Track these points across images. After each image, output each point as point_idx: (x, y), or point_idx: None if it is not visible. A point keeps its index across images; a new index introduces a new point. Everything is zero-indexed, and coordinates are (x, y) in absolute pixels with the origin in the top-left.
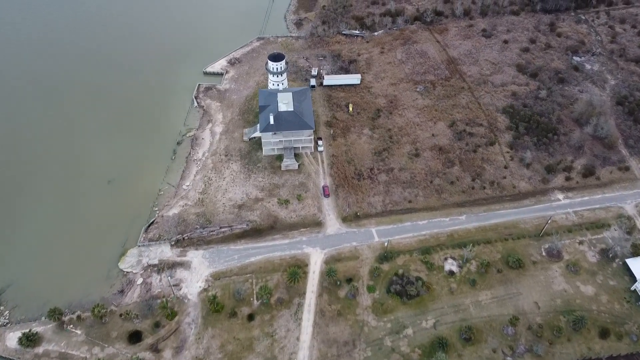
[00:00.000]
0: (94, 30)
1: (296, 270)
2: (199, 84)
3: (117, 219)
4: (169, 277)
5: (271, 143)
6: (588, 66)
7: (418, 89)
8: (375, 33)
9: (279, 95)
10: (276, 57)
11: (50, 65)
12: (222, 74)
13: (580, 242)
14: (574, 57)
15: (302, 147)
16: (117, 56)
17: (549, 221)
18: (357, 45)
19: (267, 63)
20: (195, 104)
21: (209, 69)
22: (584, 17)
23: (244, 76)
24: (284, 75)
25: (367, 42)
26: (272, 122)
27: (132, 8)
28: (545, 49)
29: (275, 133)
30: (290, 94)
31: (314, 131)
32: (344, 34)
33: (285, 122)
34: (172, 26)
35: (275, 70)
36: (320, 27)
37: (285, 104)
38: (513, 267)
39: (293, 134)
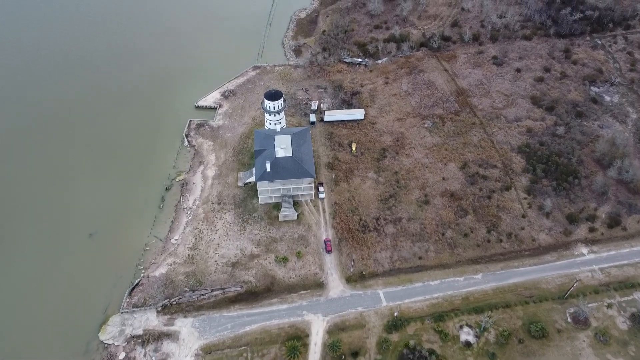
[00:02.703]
0: (76, 62)
1: (295, 344)
2: (190, 120)
3: (98, 279)
4: (153, 357)
5: (268, 191)
6: (607, 98)
7: (426, 125)
8: (379, 61)
9: (276, 138)
10: (273, 96)
11: (26, 99)
12: (215, 108)
13: (609, 306)
14: (592, 88)
15: (301, 195)
16: (101, 89)
17: (575, 284)
18: (360, 74)
19: (263, 101)
20: (186, 143)
21: (201, 103)
22: (600, 42)
23: (238, 111)
24: (282, 114)
25: (370, 70)
26: (268, 169)
27: (119, 34)
28: (561, 78)
29: (272, 181)
30: (289, 136)
31: (314, 178)
32: (346, 62)
33: (283, 170)
34: (162, 54)
35: (272, 109)
36: (321, 54)
37: (283, 148)
38: (536, 336)
39: (292, 182)
